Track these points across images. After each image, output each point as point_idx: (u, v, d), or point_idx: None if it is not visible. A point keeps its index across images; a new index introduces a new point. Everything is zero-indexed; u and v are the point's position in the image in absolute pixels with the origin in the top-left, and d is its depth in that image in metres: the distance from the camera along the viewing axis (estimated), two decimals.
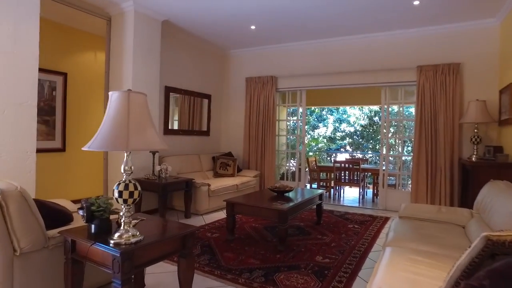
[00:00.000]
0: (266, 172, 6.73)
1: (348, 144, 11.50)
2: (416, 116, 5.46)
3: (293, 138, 7.47)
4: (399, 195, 5.82)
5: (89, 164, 5.88)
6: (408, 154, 6.66)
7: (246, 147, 6.98)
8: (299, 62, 6.57)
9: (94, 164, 5.78)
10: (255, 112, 6.87)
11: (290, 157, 7.51)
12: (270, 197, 4.24)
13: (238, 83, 7.26)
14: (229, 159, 6.49)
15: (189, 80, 6.52)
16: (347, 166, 7.15)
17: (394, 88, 5.93)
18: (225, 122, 7.46)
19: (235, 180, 5.96)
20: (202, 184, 5.19)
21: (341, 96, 8.68)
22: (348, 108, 11.41)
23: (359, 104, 9.63)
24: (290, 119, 7.07)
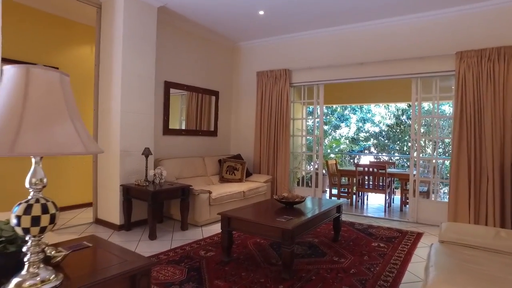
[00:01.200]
0: (279, 177, 5.98)
1: (372, 146, 10.51)
2: (455, 112, 4.54)
3: (310, 139, 6.68)
4: (434, 206, 4.91)
5: (81, 166, 5.35)
6: (443, 156, 5.66)
7: (257, 149, 6.26)
8: (316, 53, 5.78)
9: (86, 166, 5.25)
10: (267, 110, 6.15)
11: (308, 160, 6.74)
12: (275, 210, 3.50)
13: (248, 78, 6.56)
14: (237, 162, 5.79)
15: (194, 75, 5.89)
16: (371, 170, 6.29)
17: (428, 80, 5.03)
18: (235, 121, 6.78)
19: (242, 186, 5.25)
20: (202, 191, 4.51)
21: (364, 93, 7.78)
22: (372, 107, 10.44)
23: (384, 102, 8.66)
24: (308, 119, 6.27)
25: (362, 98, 7.93)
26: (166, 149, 5.38)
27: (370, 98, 7.79)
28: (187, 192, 4.36)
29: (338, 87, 7.50)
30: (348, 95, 7.93)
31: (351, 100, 8.20)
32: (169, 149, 5.44)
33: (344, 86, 7.67)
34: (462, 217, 4.45)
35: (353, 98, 8.00)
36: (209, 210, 4.61)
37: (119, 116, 4.30)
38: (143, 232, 4.22)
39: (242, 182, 5.59)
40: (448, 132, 5.05)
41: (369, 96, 7.76)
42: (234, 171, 5.70)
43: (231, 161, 5.81)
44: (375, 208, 6.47)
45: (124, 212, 4.26)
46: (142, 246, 3.74)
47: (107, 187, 4.47)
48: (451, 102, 5.48)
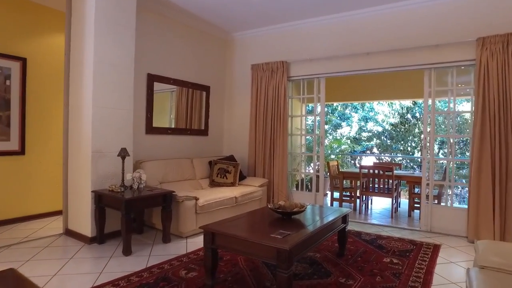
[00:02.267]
0: (276, 180, 5.40)
1: (375, 146, 9.95)
2: (476, 107, 3.97)
3: (310, 139, 6.10)
4: (449, 213, 4.33)
5: (53, 170, 4.75)
6: (461, 157, 5.03)
7: (252, 149, 5.67)
8: (316, 43, 5.21)
9: (59, 169, 4.65)
10: (262, 106, 5.56)
11: (307, 161, 6.15)
12: (270, 222, 2.92)
13: (242, 72, 5.98)
14: (229, 164, 5.20)
15: (181, 68, 5.31)
16: (376, 172, 5.71)
17: (443, 72, 4.46)
18: (227, 119, 6.19)
19: (235, 191, 4.67)
20: (187, 197, 3.92)
21: (369, 88, 7.17)
22: (375, 105, 9.88)
23: (392, 98, 8.00)
24: (307, 116, 5.69)
25: (366, 95, 7.34)
26: (149, 149, 4.79)
27: (376, 94, 7.19)
28: (169, 199, 3.77)
29: (340, 82, 6.93)
30: (351, 91, 7.33)
31: (354, 97, 7.61)
32: (153, 150, 4.85)
33: (346, 81, 7.11)
34: (485, 228, 3.87)
35: (356, 95, 7.40)
36: (195, 219, 4.02)
37: (90, 111, 3.71)
38: (117, 246, 3.63)
39: (235, 187, 5.00)
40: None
41: (375, 92, 7.15)
42: (225, 174, 5.11)
43: (223, 163, 5.22)
44: (380, 214, 5.90)
45: (96, 222, 3.66)
46: (113, 264, 3.14)
47: (77, 194, 3.88)
48: (468, 98, 4.85)
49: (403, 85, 6.64)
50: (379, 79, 6.76)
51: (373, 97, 7.44)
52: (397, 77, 6.53)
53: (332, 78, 5.37)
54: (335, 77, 5.59)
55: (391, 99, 8.38)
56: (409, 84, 6.47)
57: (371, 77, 6.77)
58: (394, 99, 8.09)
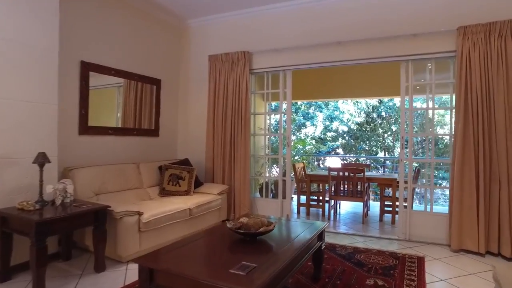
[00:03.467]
0: (238, 185, 4.73)
1: (341, 146, 9.65)
2: (458, 102, 3.59)
3: (275, 139, 5.52)
4: (429, 219, 3.93)
5: None
6: (445, 158, 4.63)
7: (210, 151, 4.96)
8: (282, 30, 4.62)
9: None
10: (221, 102, 4.88)
11: (271, 164, 5.57)
12: (230, 246, 2.26)
13: (199, 64, 5.25)
14: (183, 169, 4.45)
15: (127, 57, 4.47)
16: (346, 174, 5.26)
17: (420, 64, 4.05)
18: (182, 118, 5.43)
19: (189, 201, 3.94)
20: (127, 213, 3.13)
21: (339, 84, 6.69)
22: (340, 103, 9.57)
23: (365, 96, 7.56)
24: (272, 114, 5.08)
25: (336, 92, 6.87)
26: (84, 154, 3.91)
27: (346, 91, 6.74)
28: (103, 216, 2.96)
29: (307, 78, 6.42)
30: (318, 88, 6.83)
31: (322, 94, 7.12)
32: (89, 154, 3.97)
33: (315, 76, 6.61)
34: (469, 236, 3.49)
35: (324, 92, 6.91)
36: (138, 239, 3.24)
37: None
38: (28, 283, 2.75)
39: (190, 195, 4.27)
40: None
41: (345, 89, 6.69)
42: (178, 181, 4.35)
43: (176, 168, 4.46)
44: (351, 219, 5.47)
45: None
46: None
47: None
48: (447, 98, 4.48)
49: (377, 81, 6.24)
50: (350, 74, 6.33)
51: (343, 94, 7.01)
52: (370, 71, 6.13)
53: (298, 73, 4.82)
54: (302, 72, 5.08)
55: (363, 97, 8.03)
56: (383, 80, 6.10)
57: (341, 72, 6.35)
58: (367, 96, 7.72)
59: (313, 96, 7.21)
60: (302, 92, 6.92)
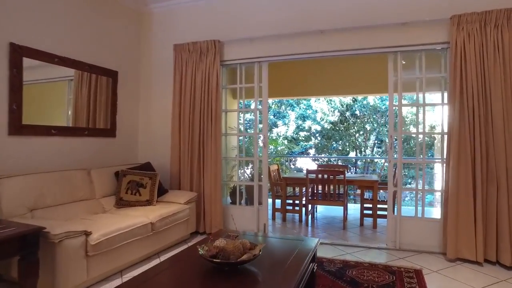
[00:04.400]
0: (208, 192, 4.15)
1: (314, 146, 9.33)
2: (453, 98, 3.27)
3: (246, 139, 5.00)
4: (421, 225, 3.59)
5: None
6: (435, 158, 4.30)
7: (176, 154, 4.34)
8: (258, 16, 4.11)
9: None
10: (188, 98, 4.27)
11: (245, 166, 5.04)
12: (203, 282, 1.69)
13: (162, 54, 4.60)
14: (144, 175, 3.80)
15: (75, 42, 3.75)
16: (326, 177, 4.86)
17: (409, 57, 3.71)
18: (143, 116, 4.74)
19: (151, 214, 3.30)
20: (69, 234, 2.45)
21: (317, 81, 6.22)
22: (313, 102, 9.23)
23: (346, 94, 7.14)
24: (245, 112, 4.54)
25: (314, 88, 6.43)
26: (16, 158, 3.15)
27: (325, 88, 6.31)
28: (34, 241, 2.26)
29: (283, 73, 5.95)
30: (296, 84, 6.34)
31: (299, 91, 6.62)
32: (24, 159, 3.22)
33: (291, 72, 6.15)
34: (466, 243, 3.18)
35: (302, 89, 6.43)
36: (86, 265, 2.57)
37: None
38: None
39: (152, 206, 3.63)
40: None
41: (324, 86, 6.23)
42: (139, 189, 3.70)
43: (136, 173, 3.80)
44: (330, 225, 5.10)
45: None
46: None
47: None
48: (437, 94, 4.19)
49: (359, 77, 5.87)
50: (331, 70, 5.93)
51: (321, 91, 6.59)
52: (352, 67, 5.75)
53: (273, 68, 4.30)
54: (277, 67, 4.61)
55: (344, 94, 7.56)
56: (365, 76, 5.74)
57: (321, 67, 5.95)
58: (347, 94, 7.29)
59: (290, 93, 6.75)
60: (277, 89, 6.44)
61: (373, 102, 8.33)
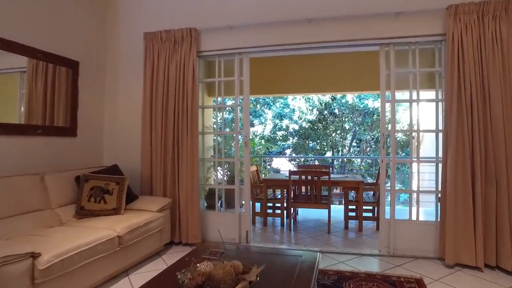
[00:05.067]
0: (184, 197, 3.69)
1: (292, 146, 9.04)
2: (450, 93, 3.04)
3: (222, 138, 4.59)
4: (414, 229, 3.35)
5: None
6: (438, 158, 3.94)
7: (147, 155, 3.84)
8: (239, 2, 3.71)
9: None
10: (161, 93, 3.80)
11: (219, 168, 4.62)
12: None
13: (131, 43, 4.08)
14: (110, 179, 3.29)
15: (25, 24, 3.16)
16: (310, 178, 4.56)
17: (402, 51, 3.46)
18: (110, 113, 4.20)
19: (118, 225, 2.81)
20: (8, 259, 1.92)
21: (298, 78, 5.86)
22: (290, 100, 8.95)
23: (330, 91, 6.75)
24: (223, 108, 4.11)
25: (294, 85, 6.06)
26: None
27: (306, 85, 5.96)
28: None
29: (263, 69, 5.56)
30: (276, 81, 5.94)
31: (279, 88, 6.20)
32: None
33: (272, 66, 5.77)
34: (465, 248, 2.96)
35: (283, 85, 6.03)
36: None
37: None
38: None
39: (120, 215, 3.13)
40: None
41: (305, 83, 5.90)
42: (104, 196, 3.18)
43: (100, 178, 3.27)
44: (314, 228, 4.82)
45: None
46: None
47: None
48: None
49: (347, 73, 5.57)
50: (315, 64, 5.61)
51: (303, 88, 6.23)
52: (340, 62, 5.47)
53: (252, 61, 3.91)
54: (256, 61, 4.22)
55: (331, 92, 7.18)
56: (354, 72, 5.46)
57: (302, 63, 5.63)
58: (334, 91, 6.92)
59: (271, 90, 6.36)
60: (256, 86, 6.07)
61: (352, 100, 8.18)
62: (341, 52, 4.34)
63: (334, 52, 4.46)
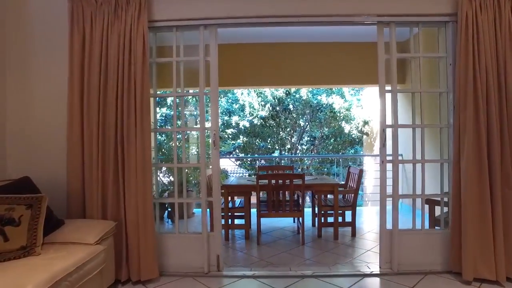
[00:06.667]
0: (133, 217, 2.64)
1: (243, 145, 8.22)
2: (463, 82, 2.57)
3: (164, 138, 3.64)
4: (419, 239, 2.84)
5: None
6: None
7: (76, 161, 2.69)
8: None
9: None
10: (97, 75, 2.68)
11: (162, 173, 3.62)
12: None
13: (48, 7, 2.85)
14: (15, 201, 2.10)
15: None
16: (281, 182, 3.87)
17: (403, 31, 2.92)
18: (17, 104, 2.89)
19: (31, 278, 1.69)
20: None
21: (275, 69, 5.09)
22: (239, 94, 8.13)
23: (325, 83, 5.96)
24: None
25: (271, 77, 5.24)
26: None
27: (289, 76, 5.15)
28: None
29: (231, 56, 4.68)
30: (249, 71, 5.08)
31: (254, 80, 5.28)
32: None
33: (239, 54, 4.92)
34: (483, 259, 2.52)
35: (258, 77, 5.16)
36: None
37: None
38: None
39: (33, 256, 1.98)
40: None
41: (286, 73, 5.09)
42: (4, 229, 2.00)
43: (0, 200, 2.07)
44: (283, 240, 4.21)
45: None
46: None
47: None
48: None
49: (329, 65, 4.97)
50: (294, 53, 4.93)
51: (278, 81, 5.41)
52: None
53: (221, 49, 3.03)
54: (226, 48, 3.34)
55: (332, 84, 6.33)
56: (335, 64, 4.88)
57: (278, 50, 4.91)
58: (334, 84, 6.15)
59: (239, 82, 5.44)
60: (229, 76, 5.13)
61: (306, 96, 7.69)
62: (323, 41, 3.72)
63: (312, 42, 3.82)
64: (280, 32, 4.58)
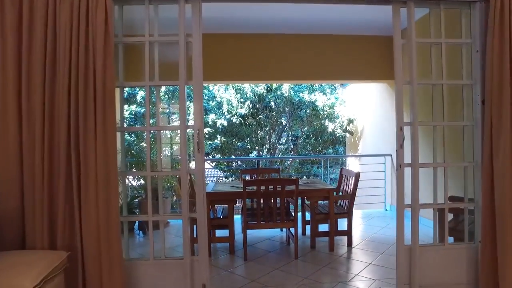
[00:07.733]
0: (93, 243, 1.99)
1: (221, 145, 7.58)
2: (494, 76, 2.16)
3: (133, 138, 3.02)
4: (439, 254, 2.42)
5: None
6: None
7: (13, 173, 1.99)
8: None
9: None
10: (40, 59, 1.99)
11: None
12: None
13: None
14: None
15: None
16: (271, 188, 3.37)
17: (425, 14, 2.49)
18: None
19: None
20: None
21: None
22: (216, 91, 7.49)
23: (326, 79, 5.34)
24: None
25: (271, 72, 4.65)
26: None
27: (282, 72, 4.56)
28: None
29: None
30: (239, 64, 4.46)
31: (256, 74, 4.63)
32: None
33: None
34: None
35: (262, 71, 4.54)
36: None
37: None
38: None
39: None
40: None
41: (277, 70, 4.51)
42: None
43: None
44: (273, 253, 3.74)
45: None
46: None
47: None
48: None
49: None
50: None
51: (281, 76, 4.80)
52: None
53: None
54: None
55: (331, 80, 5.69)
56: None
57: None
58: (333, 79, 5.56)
59: (226, 75, 4.80)
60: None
61: (288, 93, 7.19)
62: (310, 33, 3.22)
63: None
64: (267, 20, 4.08)
